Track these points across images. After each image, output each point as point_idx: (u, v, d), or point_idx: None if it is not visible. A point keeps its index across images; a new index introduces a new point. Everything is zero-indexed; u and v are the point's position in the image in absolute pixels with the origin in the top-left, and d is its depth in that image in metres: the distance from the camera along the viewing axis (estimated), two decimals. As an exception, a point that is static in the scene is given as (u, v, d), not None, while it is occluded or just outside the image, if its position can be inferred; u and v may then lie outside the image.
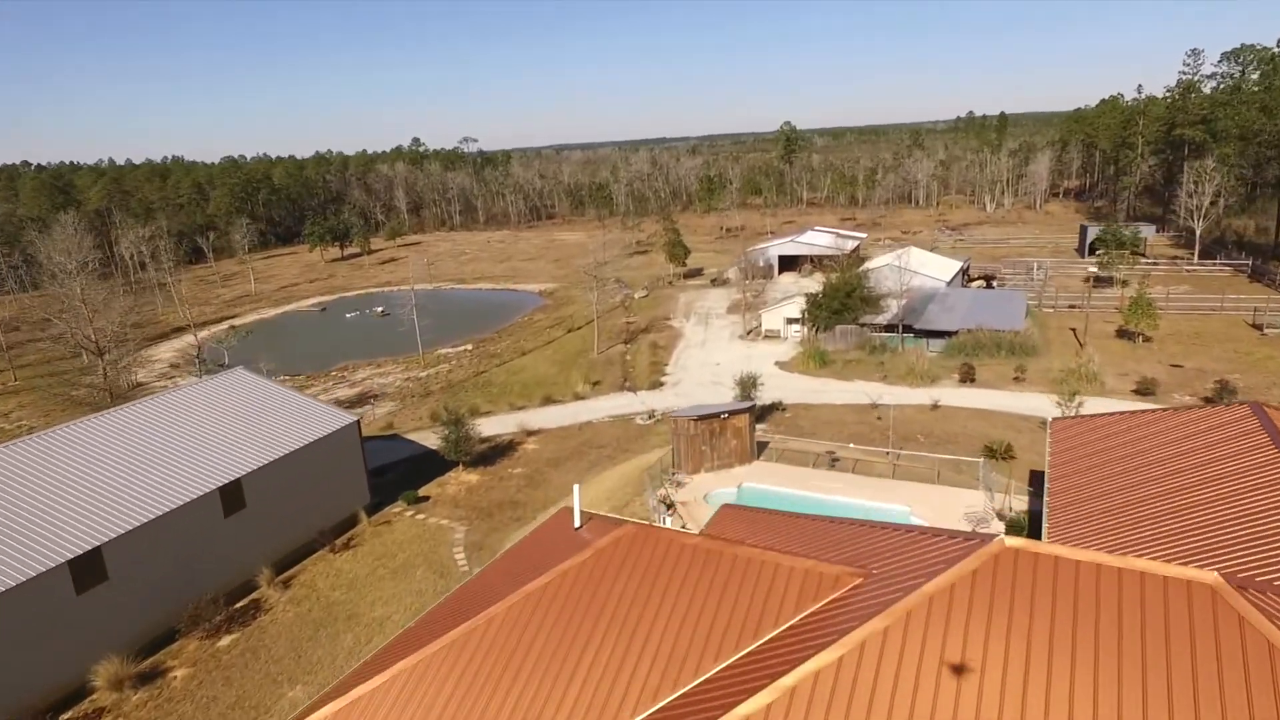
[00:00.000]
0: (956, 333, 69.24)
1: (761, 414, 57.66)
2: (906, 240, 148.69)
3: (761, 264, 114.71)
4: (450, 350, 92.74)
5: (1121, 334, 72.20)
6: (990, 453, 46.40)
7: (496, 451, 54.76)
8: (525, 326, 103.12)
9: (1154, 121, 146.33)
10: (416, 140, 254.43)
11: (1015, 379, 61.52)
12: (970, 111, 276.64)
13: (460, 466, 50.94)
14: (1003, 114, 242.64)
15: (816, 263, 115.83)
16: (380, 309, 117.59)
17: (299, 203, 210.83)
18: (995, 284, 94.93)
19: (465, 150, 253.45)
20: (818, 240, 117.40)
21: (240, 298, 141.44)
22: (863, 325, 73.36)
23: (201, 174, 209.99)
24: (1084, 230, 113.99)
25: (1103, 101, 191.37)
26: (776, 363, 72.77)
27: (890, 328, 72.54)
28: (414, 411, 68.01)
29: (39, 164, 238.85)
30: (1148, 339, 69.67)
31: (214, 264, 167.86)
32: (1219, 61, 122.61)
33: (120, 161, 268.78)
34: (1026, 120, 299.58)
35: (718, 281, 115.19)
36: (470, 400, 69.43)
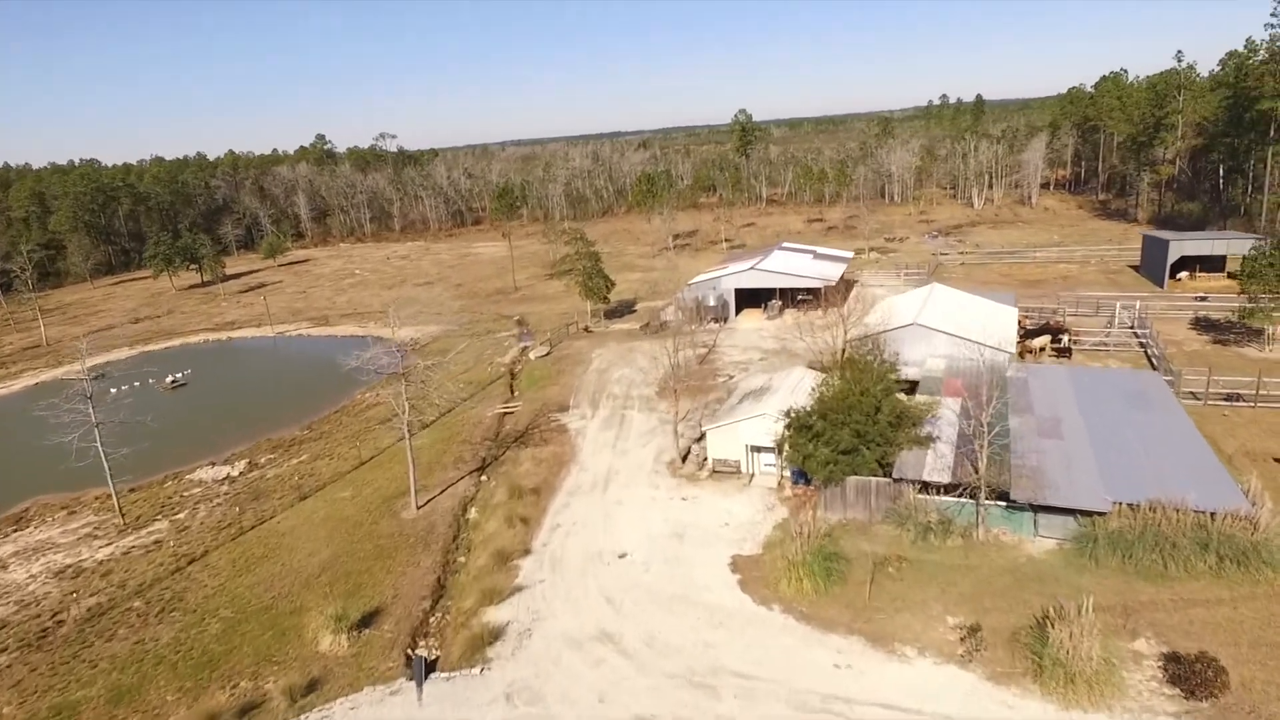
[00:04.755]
0: (1104, 514, 31.27)
1: None
2: (892, 249, 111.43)
3: (712, 301, 76.26)
4: (207, 474, 53.25)
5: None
6: None
7: None
8: (356, 414, 63.62)
9: (1197, 97, 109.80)
10: (321, 137, 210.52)
11: (1320, 692, 23.80)
12: (944, 96, 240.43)
13: None
14: (979, 98, 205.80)
15: (789, 299, 77.78)
16: (172, 379, 77.25)
17: (173, 213, 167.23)
18: (1067, 341, 57.45)
19: (383, 148, 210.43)
20: (788, 264, 79.14)
21: (27, 349, 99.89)
22: (897, 479, 35.19)
23: (50, 182, 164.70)
24: (1155, 244, 76.98)
25: (1104, 79, 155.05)
26: (733, 562, 34.44)
27: (950, 487, 34.36)
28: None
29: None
30: None
31: (35, 297, 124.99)
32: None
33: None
34: (996, 107, 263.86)
35: (651, 327, 76.58)
36: (83, 693, 30.28)
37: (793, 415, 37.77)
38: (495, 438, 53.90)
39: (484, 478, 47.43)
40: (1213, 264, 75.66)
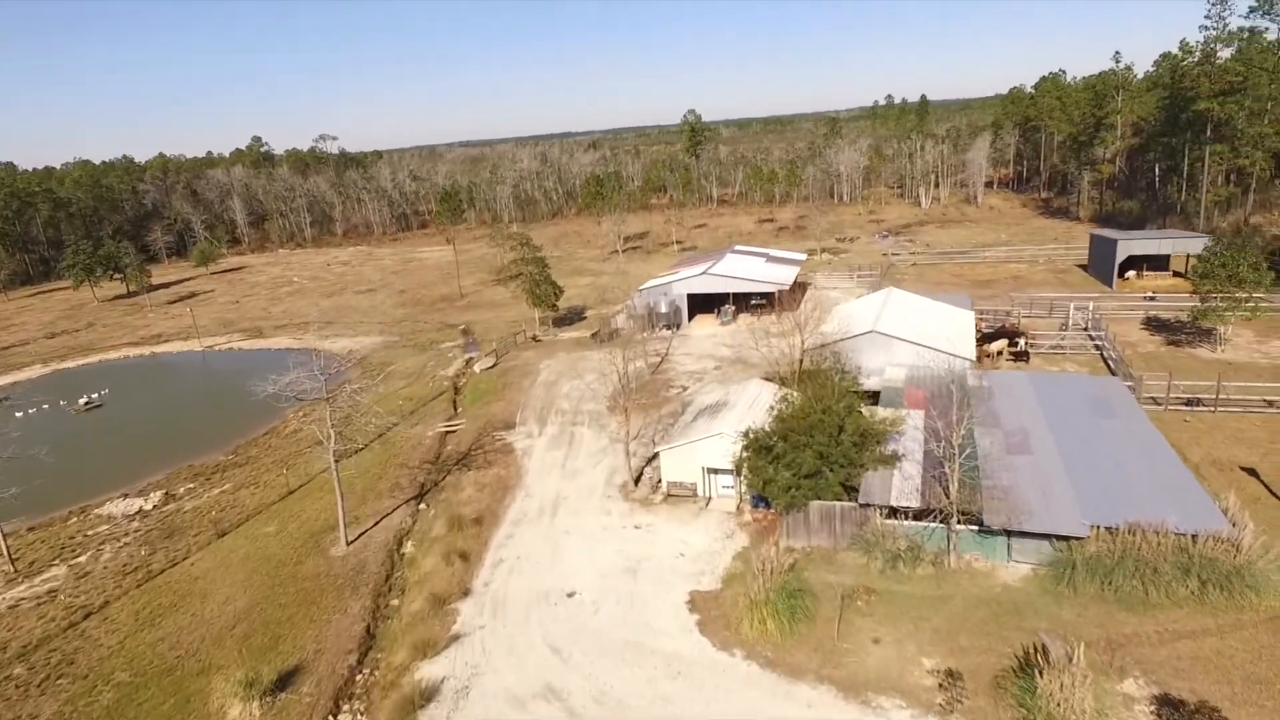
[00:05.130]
0: (1081, 539, 29.26)
1: None
2: (843, 250, 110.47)
3: (664, 307, 73.57)
4: (117, 507, 48.42)
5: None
6: None
7: None
8: (286, 436, 59.17)
9: (1135, 98, 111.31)
10: (258, 139, 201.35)
11: (1323, 738, 22.01)
12: (889, 96, 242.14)
13: None
14: (923, 98, 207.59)
15: (743, 303, 75.62)
16: (86, 400, 71.34)
17: (97, 219, 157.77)
18: (1025, 345, 56.21)
19: (324, 150, 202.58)
20: (741, 268, 76.92)
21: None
22: (863, 504, 32.76)
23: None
24: (1103, 243, 76.79)
25: (1044, 79, 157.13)
26: (691, 600, 31.64)
27: (920, 512, 32.08)
28: None
29: None
30: None
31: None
32: (1248, 14, 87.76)
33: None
34: (938, 108, 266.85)
35: (602, 335, 73.54)
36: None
37: (751, 436, 35.15)
38: (436, 460, 50.23)
39: (422, 506, 43.81)
40: (1158, 262, 75.81)
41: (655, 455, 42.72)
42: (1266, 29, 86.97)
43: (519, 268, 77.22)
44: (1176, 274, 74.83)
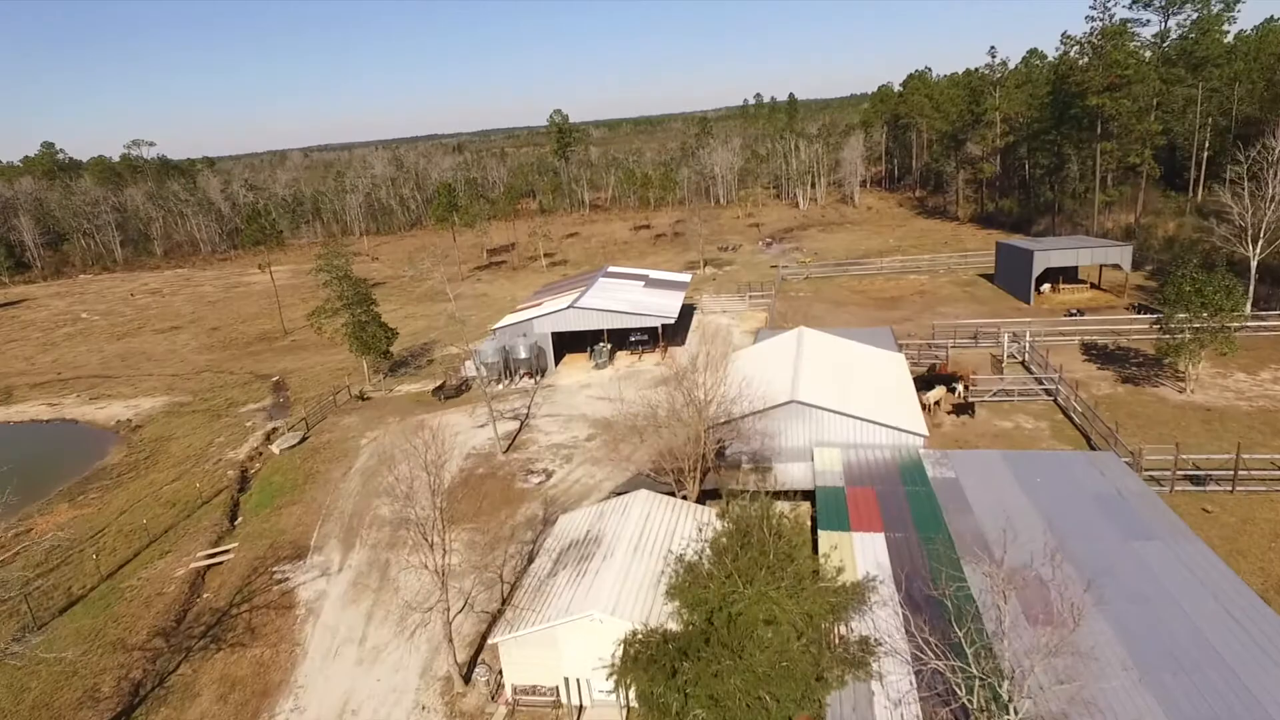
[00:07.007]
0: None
1: None
2: (727, 260, 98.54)
3: (524, 351, 57.89)
4: None
5: None
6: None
7: None
8: (-30, 583, 39.20)
9: (1009, 94, 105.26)
10: (49, 145, 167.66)
11: None
12: (758, 95, 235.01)
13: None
14: (792, 96, 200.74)
15: (621, 338, 61.14)
16: None
17: None
18: (963, 391, 44.64)
19: (139, 157, 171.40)
20: (616, 298, 62.39)
21: None
22: (839, 762, 18.77)
23: None
24: (1016, 254, 67.45)
25: (911, 77, 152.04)
26: None
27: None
28: None
29: None
30: None
31: None
32: (1131, 5, 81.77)
33: None
34: (802, 106, 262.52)
35: (448, 389, 57.10)
36: None
37: (638, 642, 20.46)
38: (178, 626, 32.70)
39: (124, 738, 26.52)
40: (1070, 273, 67.50)
41: (496, 663, 27.37)
42: (1148, 21, 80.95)
43: (335, 304, 59.45)
44: (1093, 286, 66.75)
